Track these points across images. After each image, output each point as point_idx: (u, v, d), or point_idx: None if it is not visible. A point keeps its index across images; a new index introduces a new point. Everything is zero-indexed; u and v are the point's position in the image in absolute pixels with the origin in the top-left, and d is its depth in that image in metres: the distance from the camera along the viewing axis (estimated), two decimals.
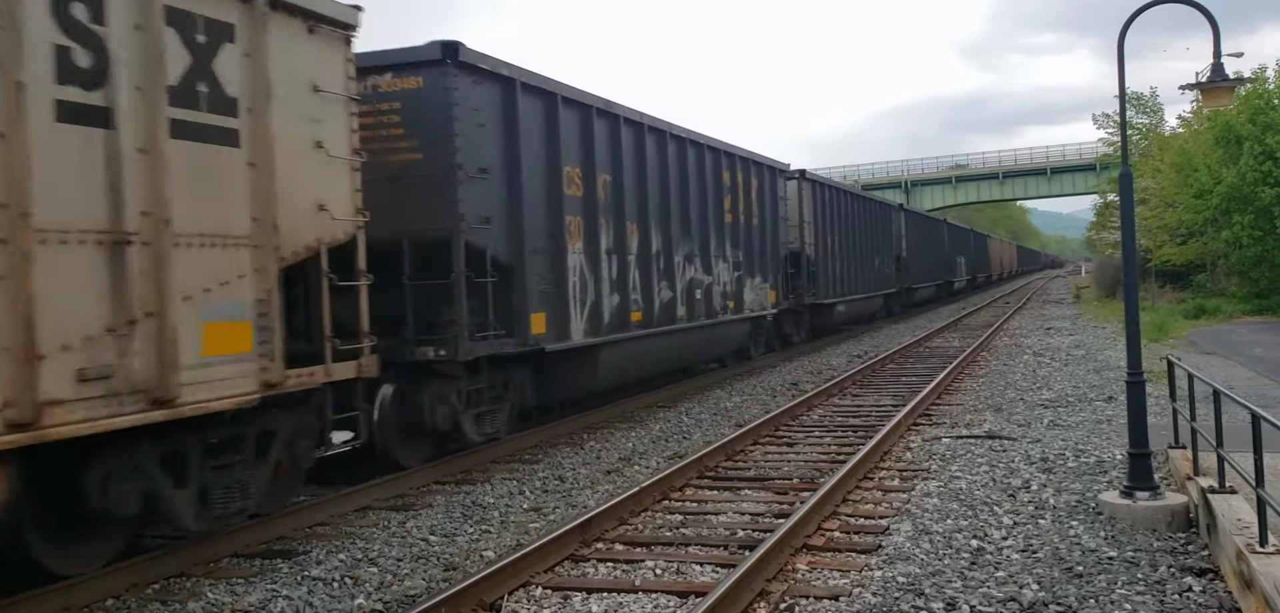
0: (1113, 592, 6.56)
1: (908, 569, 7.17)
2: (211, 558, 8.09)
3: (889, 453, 11.50)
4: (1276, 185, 30.17)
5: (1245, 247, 32.28)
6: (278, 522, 8.88)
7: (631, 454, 12.25)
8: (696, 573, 7.40)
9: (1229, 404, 7.50)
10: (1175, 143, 41.39)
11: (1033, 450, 11.21)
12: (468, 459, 11.57)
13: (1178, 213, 37.51)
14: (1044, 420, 13.41)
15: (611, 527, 8.57)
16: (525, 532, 8.79)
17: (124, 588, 7.39)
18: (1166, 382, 10.55)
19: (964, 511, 8.76)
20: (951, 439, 12.23)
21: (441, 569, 7.80)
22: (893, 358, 22.48)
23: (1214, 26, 8.87)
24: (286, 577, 7.68)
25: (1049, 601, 6.44)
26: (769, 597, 6.74)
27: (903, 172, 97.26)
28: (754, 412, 15.25)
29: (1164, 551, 7.43)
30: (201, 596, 7.32)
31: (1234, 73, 9.53)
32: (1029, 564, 7.20)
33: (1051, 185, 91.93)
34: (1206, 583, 6.69)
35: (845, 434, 12.93)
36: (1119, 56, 9.09)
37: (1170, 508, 8.08)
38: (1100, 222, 62.01)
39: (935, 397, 15.81)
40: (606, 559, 7.78)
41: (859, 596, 6.67)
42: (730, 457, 11.58)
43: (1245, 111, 31.71)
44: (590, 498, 9.93)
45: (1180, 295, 38.90)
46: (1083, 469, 10.16)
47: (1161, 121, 49.88)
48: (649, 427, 14.22)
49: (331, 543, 8.56)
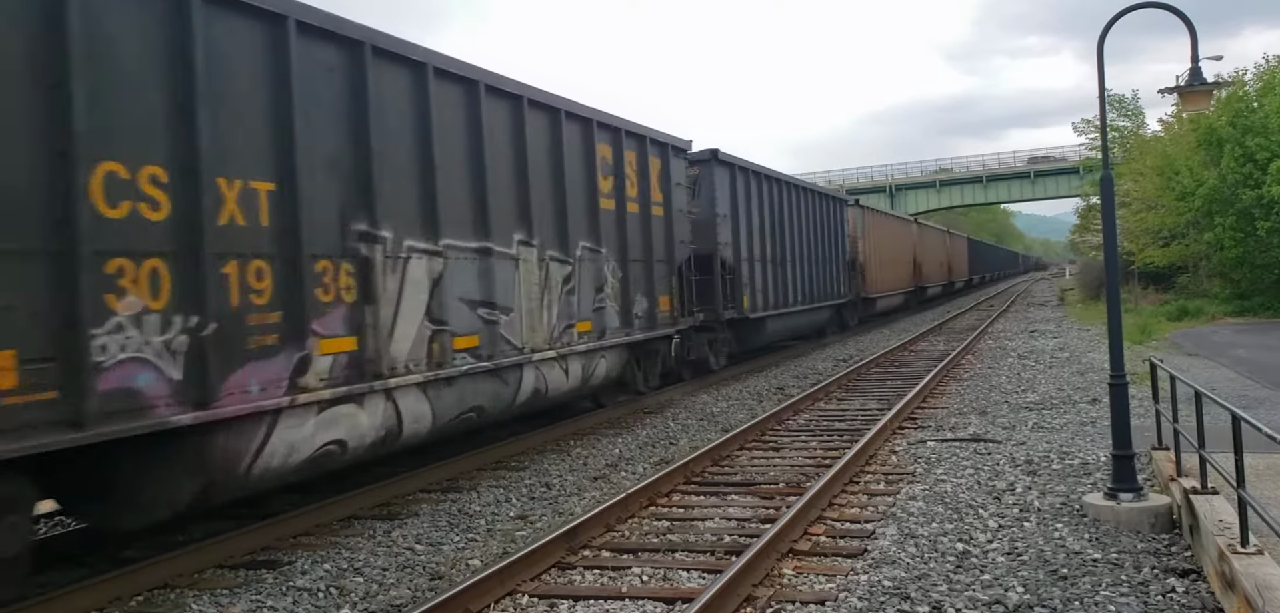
0: (1097, 594, 6.60)
1: (893, 573, 7.18)
2: (195, 569, 8.04)
3: (874, 457, 11.53)
4: (1257, 187, 30.44)
5: (1227, 248, 32.55)
6: (262, 531, 8.84)
7: (618, 460, 12.24)
8: (683, 579, 7.40)
9: (1211, 406, 7.55)
10: (1156, 146, 41.71)
11: (1017, 453, 11.26)
12: (453, 467, 11.54)
13: (1160, 215, 37.79)
14: (1029, 423, 13.47)
15: (598, 534, 8.56)
16: (512, 540, 8.77)
17: (106, 601, 7.33)
18: (1150, 384, 10.62)
19: (949, 514, 8.79)
20: (937, 443, 12.27)
21: (427, 579, 7.78)
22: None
23: (1192, 31, 8.94)
24: (271, 587, 7.64)
25: (1034, 603, 6.47)
26: (755, 602, 6.75)
27: (887, 175, 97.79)
28: (740, 416, 15.27)
29: (1148, 552, 7.47)
30: (185, 607, 7.27)
31: (1213, 76, 9.63)
32: (1014, 567, 7.23)
33: (1035, 188, 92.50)
34: (1189, 584, 6.73)
35: (831, 438, 12.96)
36: (1099, 61, 9.16)
37: (1153, 509, 8.12)
38: (1083, 224, 62.42)
39: (920, 400, 15.87)
40: (593, 566, 7.77)
41: (845, 600, 6.68)
42: (717, 462, 11.59)
43: (1226, 114, 32.01)
44: (577, 505, 9.92)
45: (1163, 297, 39.17)
46: (1067, 471, 10.22)
47: (1143, 125, 50.26)
48: (635, 433, 14.22)
49: (317, 553, 8.52)
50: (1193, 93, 9.35)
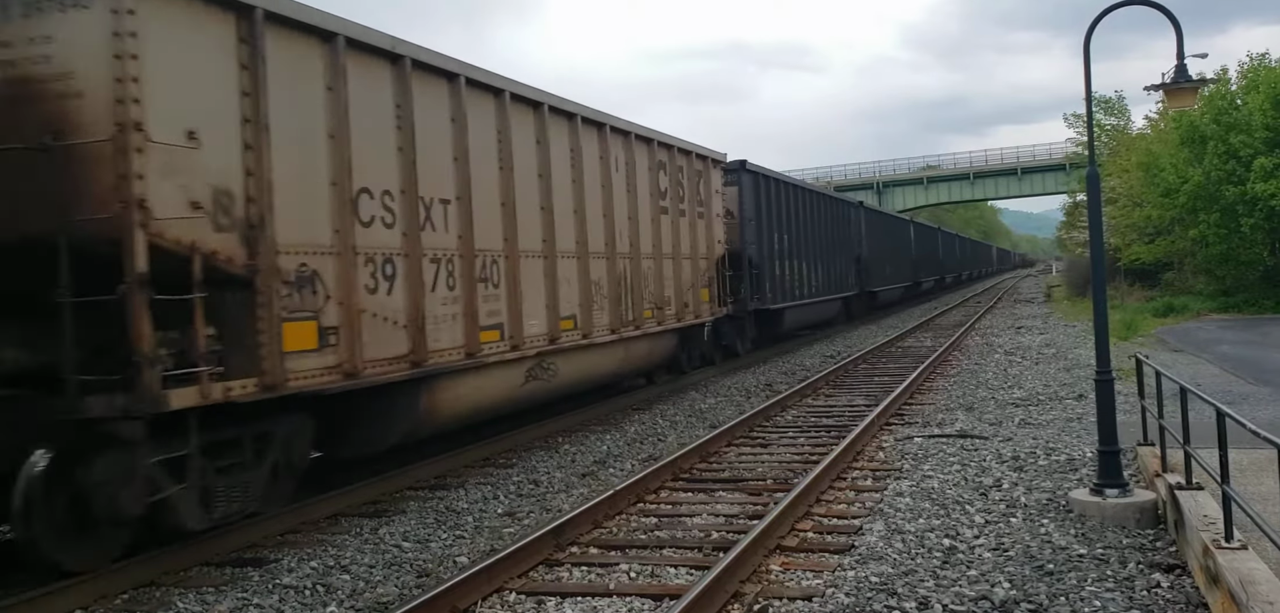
0: (1083, 589, 6.63)
1: (880, 569, 7.20)
2: (181, 566, 8.01)
3: (862, 453, 11.55)
4: (1240, 184, 30.63)
5: (1211, 245, 32.75)
6: (248, 529, 8.80)
7: (606, 457, 12.24)
8: (671, 576, 7.40)
9: (1196, 401, 7.59)
10: (1141, 143, 41.92)
11: (1004, 449, 11.30)
12: (441, 464, 11.53)
13: (1145, 212, 37.98)
14: (1015, 419, 13.53)
15: (586, 530, 8.55)
16: (499, 537, 8.75)
17: (92, 599, 7.29)
18: (1136, 380, 10.66)
19: (936, 510, 8.82)
20: (924, 439, 12.30)
21: (414, 576, 7.76)
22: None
23: (1177, 29, 8.98)
24: (257, 585, 7.61)
25: (1020, 599, 6.49)
26: (743, 598, 6.75)
27: (875, 173, 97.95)
28: (728, 413, 15.28)
29: (1133, 547, 7.51)
30: (171, 606, 7.23)
31: (1197, 74, 9.66)
32: (1001, 563, 7.26)
33: (1022, 185, 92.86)
34: (1174, 579, 6.76)
35: (819, 435, 12.98)
36: (1085, 59, 9.18)
37: (1139, 505, 8.16)
38: (1070, 221, 62.69)
39: (908, 396, 15.91)
40: (581, 563, 7.77)
41: (832, 596, 6.69)
42: (705, 458, 11.59)
43: (1209, 112, 32.17)
44: (565, 502, 9.91)
45: (1149, 294, 39.37)
46: (1053, 467, 10.26)
47: (1128, 122, 50.51)
48: (624, 429, 14.22)
49: (303, 551, 8.49)
50: (1178, 90, 9.38)
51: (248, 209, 8.17)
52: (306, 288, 8.74)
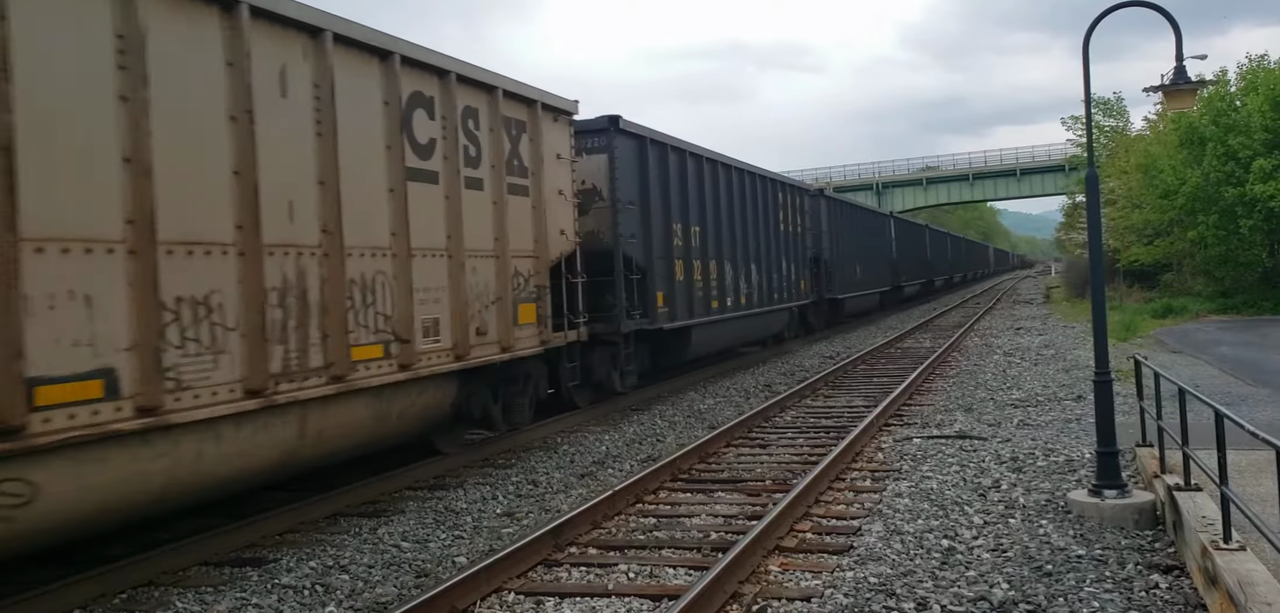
0: (1081, 590, 6.63)
1: (879, 570, 7.20)
2: (180, 566, 8.01)
3: (861, 454, 11.56)
4: (1239, 185, 30.64)
5: (1210, 246, 32.76)
6: (247, 529, 8.80)
7: (605, 458, 12.24)
8: (669, 576, 7.40)
9: (1194, 402, 7.59)
10: (1140, 145, 41.92)
11: (1003, 450, 11.31)
12: (440, 464, 11.53)
13: (1144, 213, 37.99)
14: (1014, 420, 13.53)
15: (585, 531, 8.56)
16: (498, 537, 8.75)
17: (90, 598, 7.29)
18: (1134, 381, 10.67)
19: (935, 511, 8.83)
20: (923, 440, 12.31)
21: (413, 576, 7.76)
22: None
23: (1176, 30, 8.99)
24: (256, 585, 7.61)
25: (1019, 599, 6.49)
26: (742, 599, 6.76)
27: (874, 173, 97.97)
28: (727, 413, 15.29)
29: (1131, 548, 7.51)
30: (170, 605, 7.24)
31: (1197, 75, 9.66)
32: (999, 564, 7.26)
33: (1021, 186, 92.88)
34: (1173, 580, 6.77)
35: (817, 435, 12.99)
36: (1084, 60, 9.19)
37: (1137, 506, 8.17)
38: (1069, 222, 62.69)
39: (907, 397, 15.92)
40: (580, 564, 7.77)
41: (831, 596, 6.70)
42: (704, 459, 11.59)
43: (1208, 113, 32.19)
44: (564, 502, 9.91)
45: (1148, 295, 39.38)
46: (1052, 468, 10.26)
47: (1127, 124, 50.51)
48: (623, 430, 14.22)
49: (302, 550, 8.49)
50: (1177, 91, 9.39)
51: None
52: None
